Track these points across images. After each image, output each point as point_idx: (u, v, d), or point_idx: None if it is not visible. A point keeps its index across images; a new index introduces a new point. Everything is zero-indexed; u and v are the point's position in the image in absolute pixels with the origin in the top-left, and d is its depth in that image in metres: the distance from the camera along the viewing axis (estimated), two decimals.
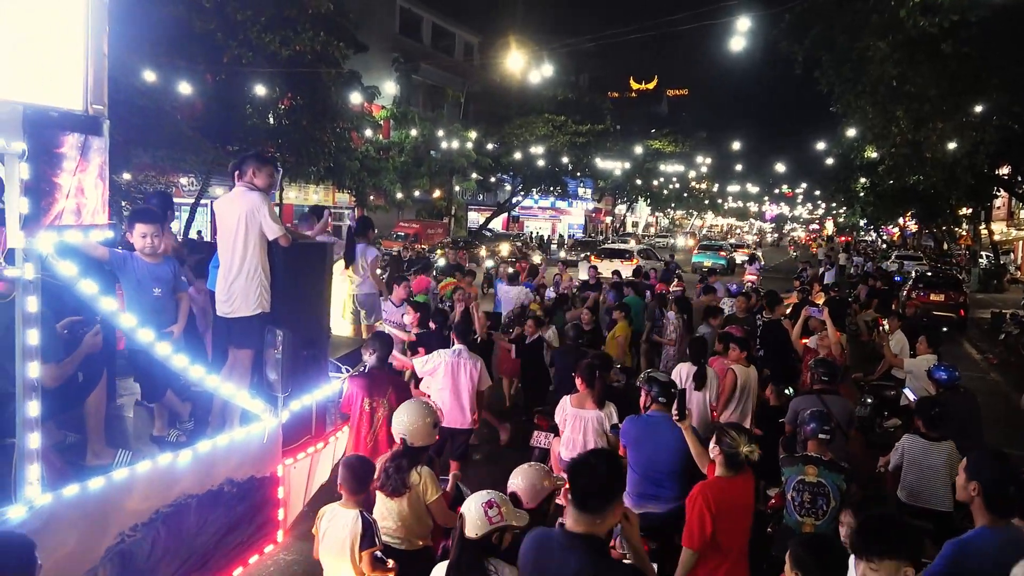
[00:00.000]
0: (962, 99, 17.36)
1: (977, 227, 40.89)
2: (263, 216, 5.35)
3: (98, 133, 3.73)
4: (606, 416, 6.41)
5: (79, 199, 3.64)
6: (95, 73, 3.70)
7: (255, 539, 5.11)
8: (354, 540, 4.25)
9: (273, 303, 5.49)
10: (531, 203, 61.76)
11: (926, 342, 9.07)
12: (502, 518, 3.55)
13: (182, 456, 4.42)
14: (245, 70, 21.05)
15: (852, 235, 75.29)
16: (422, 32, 47.85)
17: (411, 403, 5.17)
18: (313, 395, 5.76)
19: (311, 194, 35.69)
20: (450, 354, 7.59)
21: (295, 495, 5.65)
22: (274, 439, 5.20)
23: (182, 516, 4.40)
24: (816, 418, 5.61)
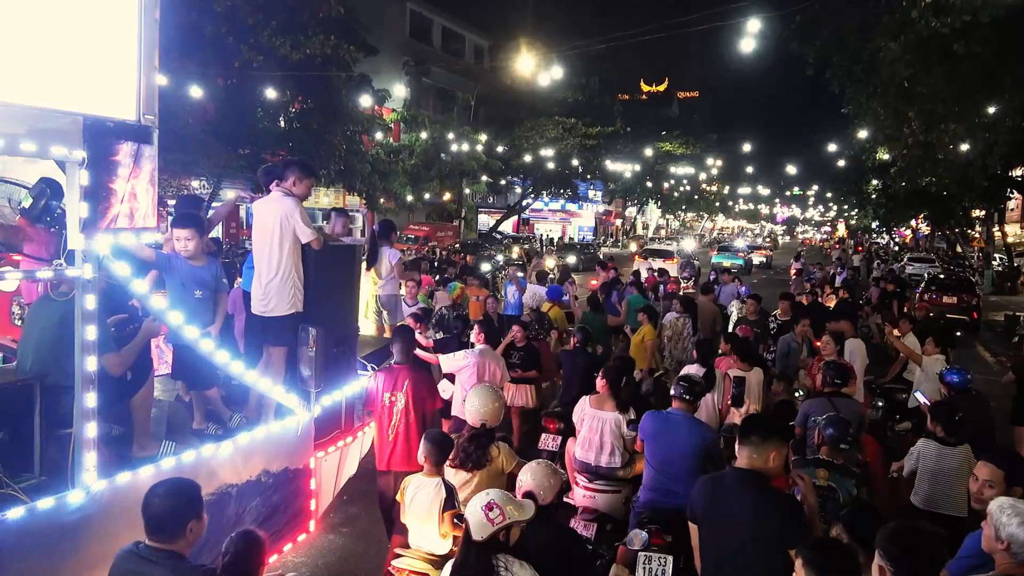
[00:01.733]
0: (975, 100, 17.32)
1: (990, 229, 40.81)
2: (296, 221, 5.61)
3: (149, 142, 3.95)
4: (624, 420, 6.45)
5: (132, 204, 3.86)
6: (147, 84, 3.92)
7: (289, 528, 5.34)
8: (440, 503, 4.73)
9: (306, 302, 5.75)
10: (541, 205, 61.87)
11: (933, 343, 9.12)
12: (504, 517, 3.65)
13: (223, 448, 4.66)
14: (256, 74, 21.25)
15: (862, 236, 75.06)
16: (432, 35, 48.02)
17: (482, 389, 5.74)
18: (343, 391, 5.98)
19: (322, 197, 35.89)
20: (475, 354, 7.83)
21: (326, 486, 5.89)
22: (307, 432, 5.44)
23: (223, 504, 4.64)
24: (835, 424, 5.52)
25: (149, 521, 3.29)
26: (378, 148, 32.23)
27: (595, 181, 60.13)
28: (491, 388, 5.79)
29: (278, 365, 5.72)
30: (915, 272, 35.11)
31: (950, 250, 50.50)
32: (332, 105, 24.55)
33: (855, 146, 32.75)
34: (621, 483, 6.37)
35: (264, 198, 5.93)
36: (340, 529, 7.07)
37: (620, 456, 6.39)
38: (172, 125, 18.45)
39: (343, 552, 6.70)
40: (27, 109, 3.51)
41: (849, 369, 7.69)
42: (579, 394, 7.03)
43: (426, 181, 37.19)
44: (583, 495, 6.36)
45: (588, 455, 6.44)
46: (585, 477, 6.40)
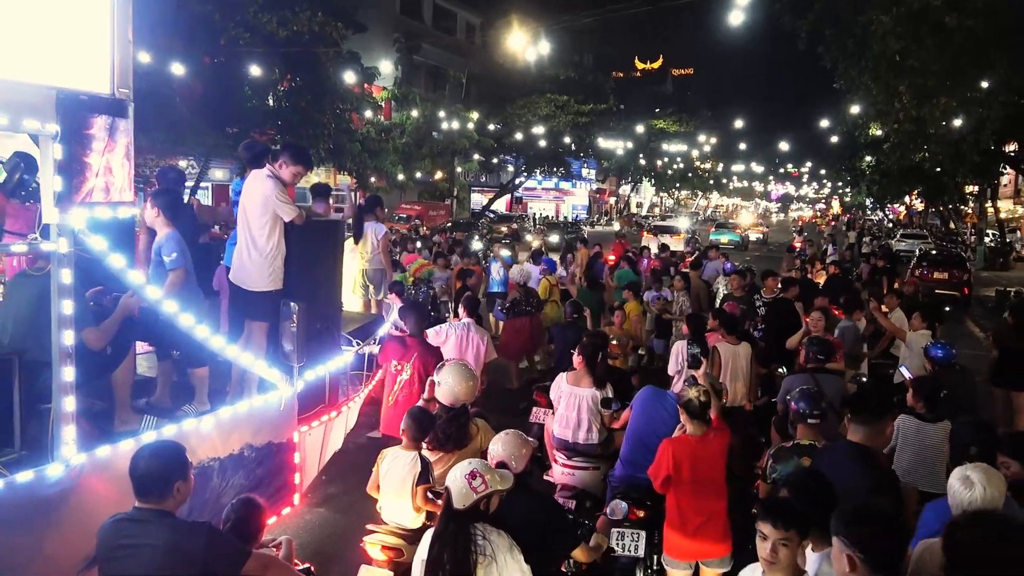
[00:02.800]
0: (966, 74, 17.26)
1: (983, 205, 40.89)
2: (276, 203, 5.63)
3: (124, 115, 3.94)
4: (601, 395, 6.42)
5: (107, 178, 3.85)
6: (121, 58, 3.90)
7: (273, 501, 5.37)
8: (414, 477, 4.73)
9: (288, 278, 5.77)
10: (534, 184, 61.82)
11: (920, 317, 9.09)
12: (486, 486, 3.67)
13: (205, 421, 4.67)
14: (243, 51, 21.09)
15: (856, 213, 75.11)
16: (423, 12, 47.73)
17: (454, 367, 5.60)
18: (326, 366, 6.01)
19: (312, 176, 35.77)
20: (459, 327, 7.85)
21: (310, 461, 5.94)
22: (290, 407, 5.47)
23: (206, 478, 4.68)
24: (805, 397, 5.33)
25: (138, 483, 3.30)
26: (368, 126, 32.06)
27: (588, 159, 60.06)
28: (463, 366, 5.70)
29: (259, 340, 5.75)
30: (906, 248, 35.21)
31: (943, 226, 50.60)
32: (321, 83, 24.42)
33: (848, 122, 32.65)
34: (599, 460, 6.36)
35: (251, 175, 5.94)
36: (326, 503, 7.10)
37: (598, 433, 6.37)
38: (158, 103, 18.33)
39: (328, 526, 6.73)
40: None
41: (833, 345, 7.69)
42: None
43: (417, 160, 37.03)
44: (561, 472, 6.32)
45: (566, 432, 6.42)
46: (564, 454, 6.37)
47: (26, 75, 3.57)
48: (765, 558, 3.31)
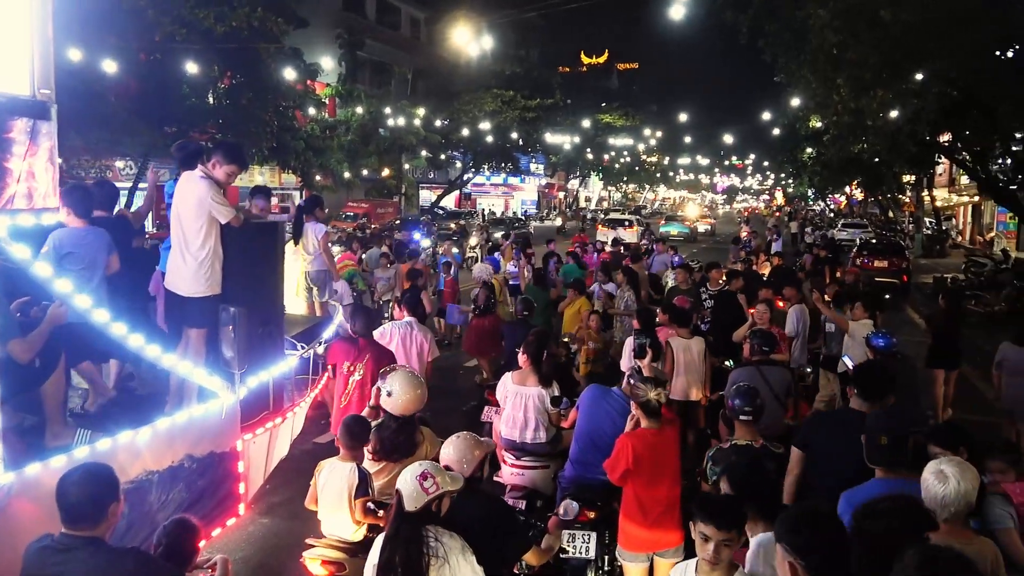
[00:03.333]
0: (902, 66, 17.56)
1: (920, 194, 41.88)
2: (212, 204, 5.48)
3: (46, 118, 3.79)
4: (548, 394, 6.34)
5: (30, 183, 3.70)
6: (41, 58, 3.75)
7: (217, 513, 5.26)
8: (351, 490, 4.59)
9: (227, 282, 5.62)
10: (483, 180, 61.71)
11: (862, 307, 9.24)
12: (438, 487, 3.63)
13: (141, 434, 4.53)
14: (180, 48, 20.63)
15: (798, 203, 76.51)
16: (366, 7, 47.18)
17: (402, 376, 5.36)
18: (270, 371, 5.89)
19: (256, 175, 35.19)
20: (402, 326, 7.75)
21: (255, 469, 5.81)
22: (232, 415, 5.34)
23: (144, 492, 4.54)
24: (740, 394, 5.28)
25: (69, 511, 3.16)
26: (312, 124, 31.66)
27: (536, 154, 60.15)
28: (412, 374, 5.51)
29: (198, 347, 5.60)
30: (847, 237, 35.90)
31: (883, 215, 51.78)
32: (262, 80, 24.00)
33: (789, 114, 33.25)
34: (549, 458, 6.30)
35: (185, 175, 5.77)
36: (272, 512, 6.97)
37: (546, 431, 6.31)
38: (92, 103, 17.83)
39: (274, 536, 6.60)
40: None
41: (776, 336, 7.75)
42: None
43: (364, 157, 36.65)
44: (511, 473, 6.25)
45: (514, 432, 6.34)
46: (513, 454, 6.30)
47: None
48: (707, 559, 3.33)
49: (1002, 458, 4.61)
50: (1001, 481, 4.48)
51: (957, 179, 45.37)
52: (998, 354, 8.84)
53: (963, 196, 45.43)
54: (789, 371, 7.65)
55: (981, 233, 42.75)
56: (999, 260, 24.60)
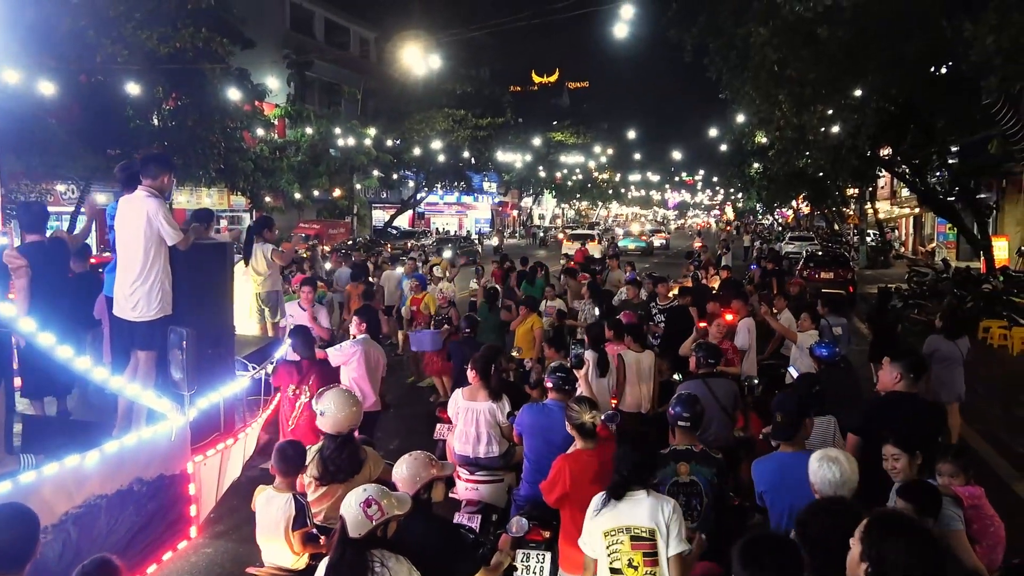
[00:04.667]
0: (840, 82, 17.94)
1: (864, 207, 42.89)
2: (160, 222, 5.45)
3: None
4: (499, 408, 6.41)
5: None
6: None
7: (168, 536, 5.23)
8: (288, 521, 4.49)
9: (176, 303, 5.62)
10: (437, 199, 61.75)
11: (809, 319, 9.45)
12: (383, 513, 3.58)
13: (89, 457, 4.50)
14: (122, 69, 20.33)
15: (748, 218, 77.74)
16: (314, 27, 47.01)
17: (335, 395, 5.31)
18: (220, 392, 5.87)
19: (204, 198, 34.77)
20: (359, 343, 7.77)
21: (207, 491, 5.79)
22: (182, 437, 5.32)
23: (92, 517, 4.51)
24: (680, 403, 5.36)
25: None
26: (261, 145, 31.41)
27: (489, 173, 60.47)
28: (345, 392, 5.45)
29: (147, 370, 5.57)
30: (794, 250, 36.54)
31: (829, 228, 52.82)
32: (208, 101, 23.74)
33: (735, 130, 33.75)
34: (502, 472, 6.36)
35: (127, 197, 5.73)
36: (226, 534, 6.88)
37: (498, 444, 6.38)
38: (30, 126, 17.53)
39: (229, 557, 6.50)
40: None
41: (721, 348, 7.87)
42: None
43: (314, 178, 36.48)
44: (465, 488, 6.28)
45: (467, 448, 6.40)
46: (467, 470, 6.34)
47: None
48: None
49: (953, 462, 4.72)
50: (951, 484, 4.60)
51: (898, 191, 46.53)
52: (928, 346, 9.32)
53: (904, 208, 46.58)
54: (737, 383, 7.79)
55: (923, 244, 43.86)
56: (940, 270, 25.22)
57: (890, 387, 5.70)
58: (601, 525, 4.24)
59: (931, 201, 26.55)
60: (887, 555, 2.65)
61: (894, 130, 22.83)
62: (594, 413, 5.01)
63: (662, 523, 4.13)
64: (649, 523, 4.14)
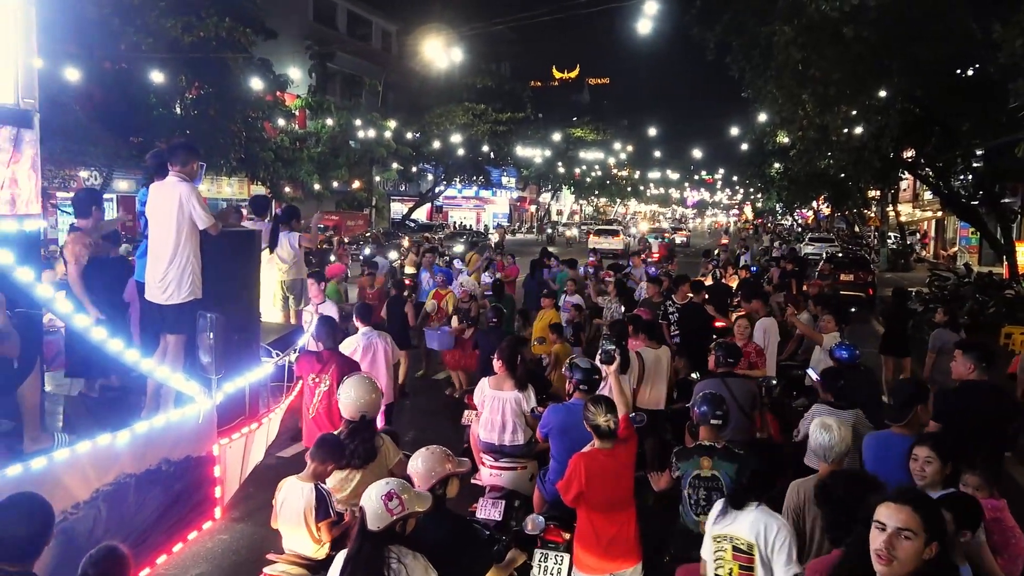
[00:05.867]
0: (865, 83, 17.84)
1: (885, 209, 42.63)
2: (193, 206, 5.53)
3: (29, 126, 3.87)
4: (524, 398, 6.51)
5: (13, 190, 3.77)
6: (25, 68, 3.83)
7: (193, 516, 5.32)
8: (308, 510, 4.48)
9: (204, 289, 5.69)
10: (455, 193, 61.86)
11: (832, 321, 9.34)
12: (403, 508, 3.56)
13: (120, 437, 4.58)
14: (146, 57, 20.50)
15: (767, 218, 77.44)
16: (337, 19, 47.18)
17: (357, 380, 5.41)
18: (246, 377, 5.96)
19: (224, 187, 35.03)
20: (363, 336, 7.86)
21: (231, 474, 5.88)
22: (209, 420, 5.40)
23: (122, 495, 4.59)
24: (708, 401, 5.36)
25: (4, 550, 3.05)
26: (282, 135, 31.56)
27: (508, 167, 60.48)
28: (365, 379, 5.54)
29: (176, 353, 5.66)
30: (814, 252, 36.37)
31: (849, 230, 52.54)
32: (230, 91, 23.93)
33: (756, 130, 33.67)
34: (526, 460, 6.43)
35: (158, 184, 5.82)
36: (248, 516, 6.95)
37: (523, 433, 6.47)
38: (54, 112, 17.60)
39: (251, 539, 6.57)
40: None
41: (739, 348, 7.84)
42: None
43: (333, 169, 36.59)
44: (489, 474, 6.37)
45: (492, 435, 6.50)
46: (491, 456, 6.44)
47: None
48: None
49: (979, 474, 4.61)
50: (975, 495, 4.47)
51: (921, 194, 46.20)
52: (935, 339, 9.89)
53: (927, 211, 46.22)
54: (755, 383, 7.78)
55: (945, 248, 43.54)
56: (962, 274, 25.03)
57: (964, 377, 6.12)
58: (713, 530, 4.30)
59: (954, 205, 26.31)
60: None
61: (918, 132, 22.62)
62: (609, 416, 4.95)
63: (762, 539, 4.11)
64: (749, 536, 4.15)
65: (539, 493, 6.02)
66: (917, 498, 2.93)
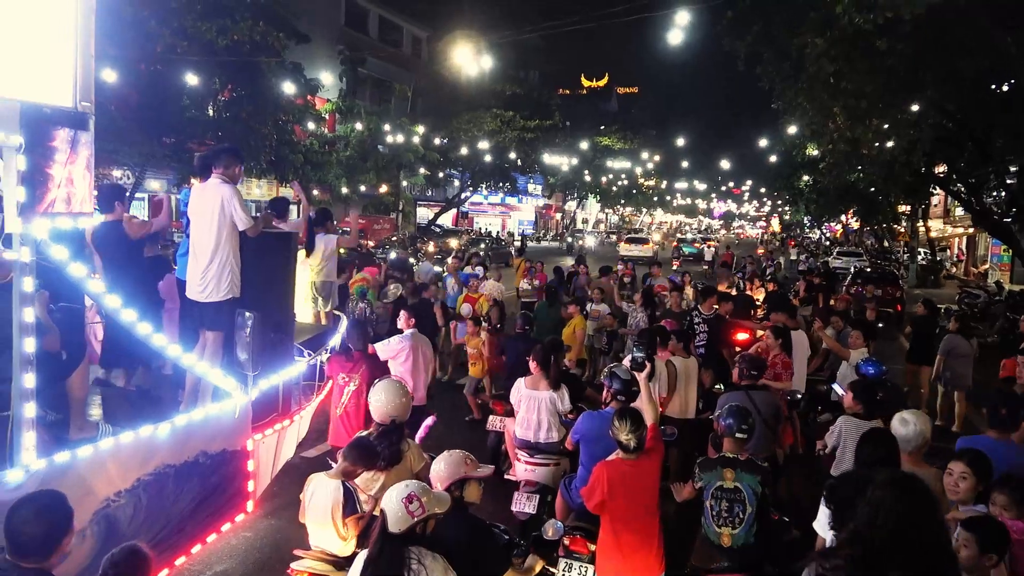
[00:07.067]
0: (897, 96, 17.71)
1: (915, 224, 42.21)
2: (234, 207, 5.71)
3: (85, 128, 4.03)
4: (559, 397, 6.79)
5: (69, 189, 3.93)
6: (83, 72, 3.98)
7: (227, 508, 5.46)
8: (335, 507, 4.54)
9: (242, 288, 5.84)
10: (481, 199, 62.04)
11: (861, 337, 9.32)
12: (424, 510, 3.62)
13: (161, 429, 4.73)
14: (180, 59, 20.81)
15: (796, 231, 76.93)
16: (368, 25, 47.52)
17: (388, 384, 5.54)
18: (280, 375, 6.10)
19: (254, 188, 35.40)
20: (408, 338, 7.98)
21: (263, 468, 6.02)
22: (244, 415, 5.56)
23: (161, 484, 4.74)
24: (733, 414, 5.38)
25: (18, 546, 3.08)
26: (311, 139, 31.83)
27: (534, 175, 60.58)
28: (396, 383, 5.67)
29: (214, 349, 5.83)
30: (842, 265, 36.11)
31: (878, 244, 52.09)
32: (262, 94, 24.21)
33: (785, 141, 33.44)
34: (559, 456, 6.69)
35: (200, 185, 6.00)
36: (278, 512, 7.06)
37: (557, 431, 6.75)
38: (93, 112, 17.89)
39: (280, 533, 6.68)
40: None
41: (763, 361, 7.80)
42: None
43: (362, 173, 36.82)
44: (524, 469, 6.63)
45: (528, 433, 6.80)
46: (526, 453, 6.71)
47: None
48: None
49: (1009, 494, 4.50)
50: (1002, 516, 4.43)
51: (952, 210, 45.69)
52: (946, 344, 11.14)
53: (958, 227, 45.70)
54: (780, 396, 7.79)
55: (975, 264, 43.05)
56: (993, 292, 24.81)
57: None
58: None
59: (986, 221, 26.00)
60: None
61: (950, 147, 22.40)
62: (631, 435, 4.95)
63: None
64: None
65: (563, 500, 6.10)
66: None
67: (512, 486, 6.69)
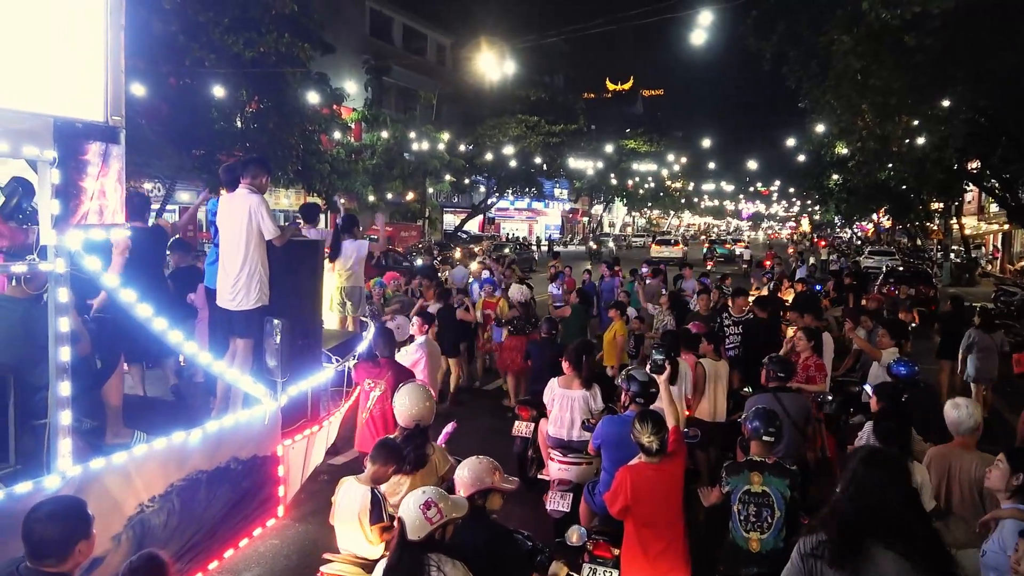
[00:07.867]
0: (927, 92, 17.52)
1: (948, 222, 41.65)
2: (262, 217, 5.80)
3: (116, 141, 4.12)
4: (591, 396, 6.91)
5: (101, 201, 4.02)
6: (114, 87, 4.08)
7: (258, 513, 5.53)
8: (362, 512, 4.55)
9: (271, 296, 5.92)
10: (507, 204, 62.16)
11: (888, 335, 9.15)
12: (441, 516, 3.61)
13: (193, 435, 4.81)
14: (208, 72, 21.10)
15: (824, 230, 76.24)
16: (393, 34, 47.84)
17: (412, 388, 5.55)
18: (309, 381, 6.18)
19: (281, 198, 35.73)
20: (422, 345, 8.12)
21: (293, 474, 6.09)
22: (274, 421, 5.63)
23: (194, 490, 4.82)
24: (760, 416, 5.29)
25: (34, 548, 3.10)
26: (338, 148, 32.11)
27: (560, 179, 60.59)
28: (421, 387, 5.67)
29: (245, 356, 5.92)
30: (873, 265, 35.70)
31: (910, 243, 51.49)
32: (288, 104, 24.45)
33: (814, 140, 33.15)
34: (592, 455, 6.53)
35: (231, 194, 6.10)
36: (307, 517, 7.12)
37: None
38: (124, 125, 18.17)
39: (310, 538, 6.73)
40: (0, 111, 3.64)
41: (792, 363, 7.69)
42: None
43: (388, 181, 37.08)
44: (558, 468, 6.70)
45: (561, 432, 6.89)
46: (559, 452, 6.77)
47: (25, 104, 3.74)
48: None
49: None
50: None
51: (986, 207, 45.09)
52: (968, 338, 11.38)
53: (992, 224, 45.07)
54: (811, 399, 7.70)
55: (1012, 262, 42.36)
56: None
57: None
58: None
59: (1021, 217, 25.66)
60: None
61: (983, 142, 22.09)
62: (654, 437, 4.91)
63: None
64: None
65: (586, 505, 6.08)
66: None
67: (541, 488, 6.78)
